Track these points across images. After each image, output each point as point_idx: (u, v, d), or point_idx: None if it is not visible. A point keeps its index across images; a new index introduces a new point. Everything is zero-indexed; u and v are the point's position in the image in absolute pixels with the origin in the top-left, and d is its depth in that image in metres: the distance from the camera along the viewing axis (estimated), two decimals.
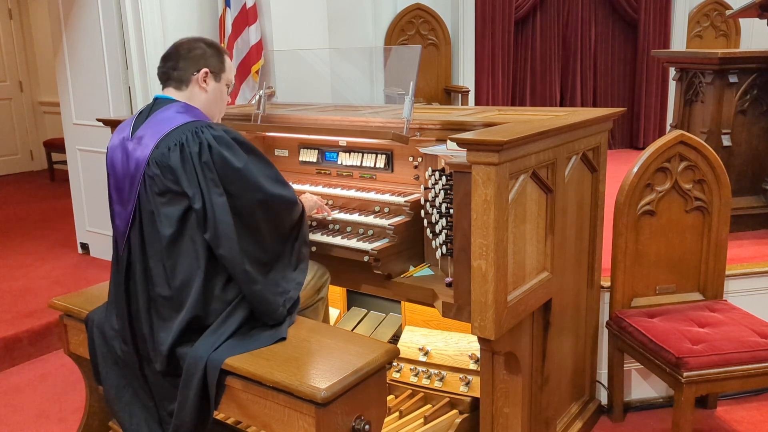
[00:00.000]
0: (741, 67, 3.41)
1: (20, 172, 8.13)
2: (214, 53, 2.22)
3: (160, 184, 2.01)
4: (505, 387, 2.24)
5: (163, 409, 2.11)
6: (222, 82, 2.25)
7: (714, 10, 6.55)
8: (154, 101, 2.19)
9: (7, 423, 3.00)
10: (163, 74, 2.21)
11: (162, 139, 2.03)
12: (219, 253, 2.00)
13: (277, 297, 2.09)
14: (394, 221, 2.44)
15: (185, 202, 2.00)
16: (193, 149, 1.99)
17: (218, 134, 2.03)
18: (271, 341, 2.04)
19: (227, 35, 4.36)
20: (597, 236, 2.67)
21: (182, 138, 2.01)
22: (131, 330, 2.11)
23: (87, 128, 4.56)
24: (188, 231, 2.01)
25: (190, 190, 1.99)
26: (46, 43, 7.61)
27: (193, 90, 2.19)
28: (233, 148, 2.03)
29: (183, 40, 2.24)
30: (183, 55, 2.18)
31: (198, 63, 2.18)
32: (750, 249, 3.30)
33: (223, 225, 1.99)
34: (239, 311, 2.06)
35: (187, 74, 2.17)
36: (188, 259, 2.01)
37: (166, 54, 2.23)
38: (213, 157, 2.00)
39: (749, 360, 2.40)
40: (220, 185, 2.00)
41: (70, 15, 4.54)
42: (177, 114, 2.09)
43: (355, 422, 1.87)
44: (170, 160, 2.00)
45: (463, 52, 6.17)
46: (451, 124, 2.51)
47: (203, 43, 2.22)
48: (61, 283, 4.23)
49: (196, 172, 1.99)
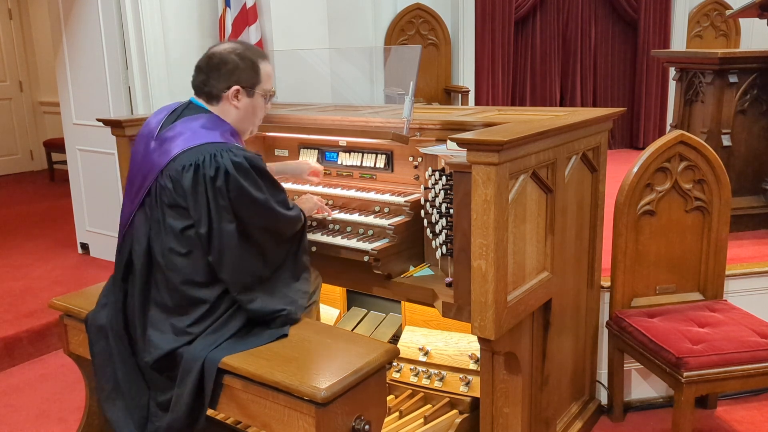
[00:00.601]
0: (741, 67, 3.41)
1: (20, 172, 8.13)
2: (248, 66, 2.13)
3: (170, 197, 2.00)
4: (505, 387, 2.24)
5: (154, 399, 2.10)
6: (256, 96, 2.18)
7: (714, 10, 6.55)
8: (188, 104, 2.16)
9: (7, 423, 3.00)
10: (195, 86, 2.16)
11: (180, 155, 2.00)
12: (222, 277, 2.00)
13: (285, 307, 2.09)
14: (394, 221, 2.44)
15: (190, 218, 1.99)
16: (209, 172, 1.95)
17: (238, 161, 1.98)
18: (272, 339, 2.04)
19: (227, 35, 4.36)
20: (597, 236, 2.67)
21: (199, 159, 1.97)
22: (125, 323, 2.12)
23: (87, 128, 4.57)
24: (194, 248, 2.01)
25: (196, 214, 1.97)
26: (46, 43, 7.61)
27: (224, 106, 2.14)
28: (252, 178, 1.99)
29: (217, 49, 2.14)
30: (214, 71, 2.11)
31: (229, 79, 2.11)
32: (750, 249, 3.30)
33: (229, 252, 1.98)
34: (240, 315, 2.06)
35: (217, 91, 2.12)
36: (193, 273, 2.00)
37: (198, 65, 2.15)
38: (228, 184, 1.96)
39: (749, 360, 2.40)
40: (231, 212, 1.97)
41: (70, 15, 4.54)
42: (201, 129, 2.05)
43: (355, 422, 1.88)
44: (183, 179, 1.97)
45: (463, 52, 6.17)
46: (451, 124, 2.51)
47: (236, 56, 2.12)
48: (61, 283, 4.23)
49: (207, 196, 1.96)
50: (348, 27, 5.40)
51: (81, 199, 4.82)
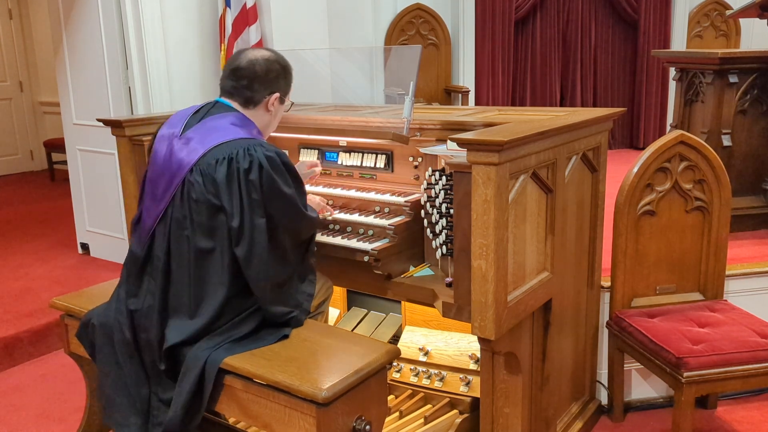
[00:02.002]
0: (741, 67, 3.41)
1: (20, 172, 8.13)
2: (286, 77, 2.21)
3: (199, 191, 1.99)
4: (505, 387, 2.24)
5: (156, 395, 2.10)
6: (285, 104, 2.26)
7: (714, 10, 6.55)
8: (214, 104, 2.17)
9: (7, 423, 3.01)
10: (232, 88, 2.16)
11: (211, 150, 2.01)
12: (248, 273, 1.99)
13: (293, 310, 2.10)
14: (394, 221, 2.45)
15: (222, 216, 1.99)
16: (243, 165, 1.97)
17: (271, 155, 2.00)
18: (274, 340, 2.04)
19: (227, 35, 4.37)
20: (597, 236, 2.67)
21: (233, 153, 1.98)
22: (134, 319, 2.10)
23: (87, 128, 4.57)
24: (219, 245, 2.00)
25: (230, 206, 1.97)
26: (46, 43, 7.62)
27: (259, 111, 2.18)
28: (283, 174, 2.02)
29: (258, 57, 2.16)
30: (259, 76, 2.14)
31: (272, 86, 2.16)
32: (750, 249, 3.30)
33: (259, 247, 1.98)
34: (252, 320, 2.06)
35: (260, 96, 2.15)
36: (215, 272, 2.00)
37: (237, 67, 2.15)
38: (262, 178, 1.98)
39: (749, 360, 2.40)
40: (262, 206, 1.98)
41: (70, 15, 4.54)
42: (231, 125, 2.06)
43: (355, 422, 1.88)
44: (216, 172, 1.98)
45: (463, 52, 6.17)
46: (451, 124, 2.51)
47: (279, 65, 2.18)
48: (62, 283, 4.23)
49: (240, 189, 1.97)
50: (348, 27, 5.40)
51: (81, 199, 4.82)
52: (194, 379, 1.95)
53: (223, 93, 2.20)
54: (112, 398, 2.15)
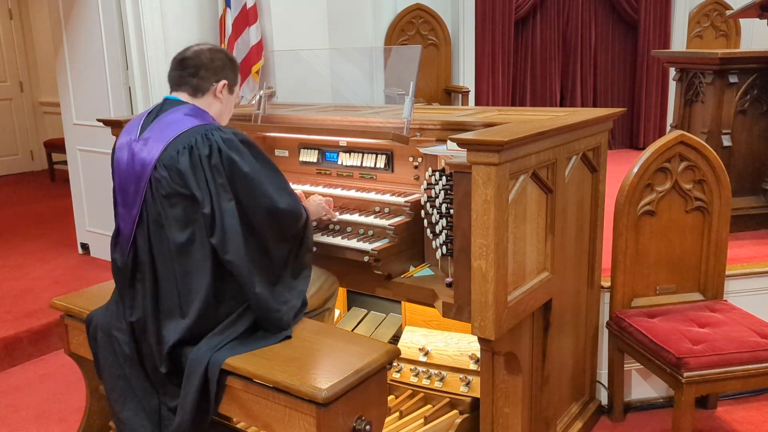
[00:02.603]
0: (741, 68, 3.41)
1: (20, 173, 8.13)
2: (232, 67, 2.25)
3: (167, 186, 2.00)
4: (506, 387, 2.24)
5: (165, 404, 2.11)
6: (234, 95, 2.29)
7: (714, 10, 6.55)
8: (164, 102, 2.18)
9: (7, 423, 3.01)
10: (179, 77, 2.19)
11: (171, 142, 2.02)
12: (226, 259, 1.99)
13: (281, 306, 2.08)
14: (394, 221, 2.45)
15: (194, 206, 1.99)
16: (203, 152, 1.98)
17: (228, 137, 2.02)
18: (276, 340, 2.03)
19: (227, 35, 4.37)
20: (597, 236, 2.67)
21: (192, 141, 2.00)
22: (135, 330, 2.11)
23: (87, 128, 4.57)
24: (197, 235, 2.00)
25: (200, 193, 1.97)
26: (46, 43, 7.62)
27: (208, 99, 2.19)
28: (242, 153, 2.02)
29: (203, 47, 2.22)
30: (205, 64, 2.17)
31: (218, 74, 2.19)
32: (750, 249, 3.30)
33: (231, 230, 1.98)
34: (247, 317, 2.06)
35: (207, 84, 2.18)
36: (198, 263, 2.00)
37: (183, 58, 2.19)
38: (222, 161, 1.99)
39: (749, 360, 2.40)
40: (230, 190, 1.99)
41: (71, 15, 4.54)
42: (186, 117, 2.08)
43: (355, 422, 1.88)
44: (179, 163, 1.99)
45: (463, 52, 6.17)
46: (451, 125, 2.51)
47: (224, 55, 2.24)
48: (62, 283, 4.23)
49: (205, 176, 1.98)
50: (348, 27, 5.40)
51: (81, 200, 4.82)
52: (198, 383, 1.95)
53: (172, 86, 2.22)
54: (121, 410, 2.15)
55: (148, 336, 2.07)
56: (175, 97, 2.19)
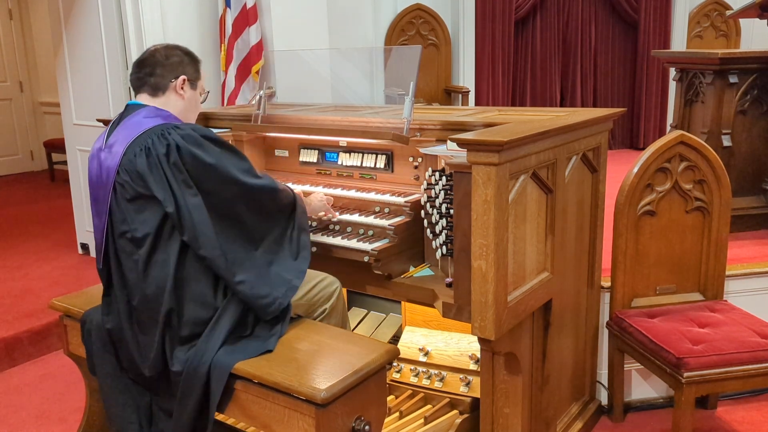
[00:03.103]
0: (741, 68, 3.41)
1: (20, 173, 8.14)
2: (191, 61, 2.23)
3: (130, 190, 1.99)
4: (506, 387, 2.24)
5: (157, 404, 2.11)
6: (197, 90, 2.26)
7: (714, 11, 6.55)
8: (126, 108, 2.18)
9: (7, 423, 3.01)
10: (137, 80, 2.18)
11: (129, 145, 2.01)
12: (200, 254, 1.97)
13: (271, 292, 2.05)
14: (394, 221, 2.44)
15: (157, 206, 1.97)
16: (160, 151, 1.96)
17: (186, 133, 2.00)
18: (257, 353, 1.98)
19: (227, 35, 4.37)
20: (597, 236, 2.67)
21: (148, 142, 1.99)
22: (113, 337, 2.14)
23: (87, 128, 4.56)
24: (163, 236, 1.99)
25: (161, 193, 1.96)
26: (46, 43, 7.62)
27: (169, 97, 2.18)
28: (203, 145, 2.00)
29: (158, 46, 2.21)
30: (160, 62, 2.16)
31: (176, 70, 2.18)
32: (750, 249, 3.30)
33: (201, 225, 1.96)
34: (226, 316, 2.02)
35: (165, 81, 2.16)
36: (162, 263, 1.99)
37: (140, 60, 2.18)
38: (183, 158, 1.97)
39: (749, 360, 2.40)
40: (193, 185, 1.97)
41: (70, 15, 4.54)
42: (144, 119, 2.07)
43: (355, 423, 1.87)
44: (137, 165, 1.98)
45: (463, 52, 6.17)
46: (451, 125, 2.51)
47: (180, 51, 2.22)
48: (61, 284, 4.23)
49: (165, 174, 1.96)
50: (348, 27, 5.40)
51: (81, 200, 4.82)
52: (199, 387, 1.94)
53: (133, 89, 2.21)
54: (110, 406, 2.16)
55: (127, 343, 2.08)
56: (136, 101, 2.18)
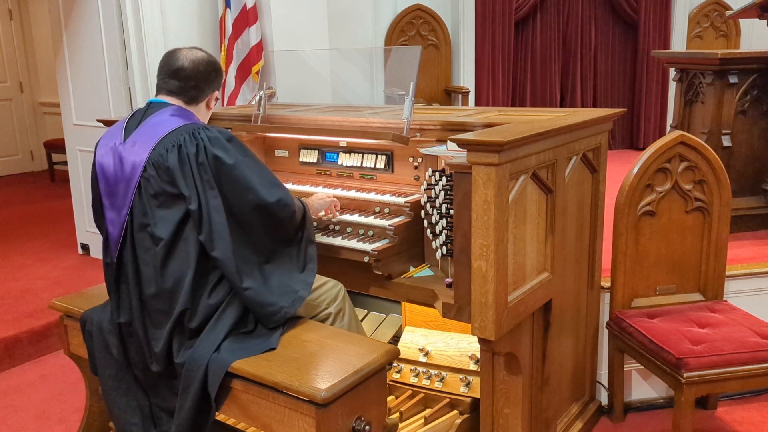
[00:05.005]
0: (741, 68, 3.41)
1: (20, 173, 8.14)
2: (220, 77, 2.30)
3: (155, 185, 2.02)
4: (506, 387, 2.24)
5: (156, 406, 2.11)
6: (217, 102, 2.35)
7: (714, 11, 6.55)
8: (149, 105, 2.19)
9: (7, 423, 3.01)
10: (179, 89, 2.18)
11: (160, 141, 2.04)
12: (213, 255, 2.00)
13: (277, 301, 2.07)
14: (394, 222, 2.44)
15: (181, 203, 2.01)
16: (191, 150, 2.01)
17: (213, 135, 2.05)
18: (260, 351, 2.00)
19: (227, 36, 4.37)
20: (597, 237, 2.67)
21: (180, 139, 2.03)
22: (123, 331, 2.13)
23: (87, 129, 4.56)
24: (183, 233, 2.02)
25: (187, 191, 2.00)
26: (46, 43, 7.62)
27: (200, 108, 2.25)
28: (227, 149, 2.04)
29: (198, 56, 2.21)
30: (203, 77, 2.21)
31: (213, 85, 2.26)
32: (750, 249, 3.30)
33: (218, 226, 2.00)
34: (230, 311, 2.04)
35: (203, 95, 2.24)
36: (180, 259, 2.01)
37: (181, 68, 2.18)
38: (208, 159, 2.02)
39: (749, 360, 2.40)
40: (215, 187, 2.01)
41: (70, 15, 4.54)
42: (172, 117, 2.10)
43: (355, 423, 1.88)
44: (168, 161, 2.01)
45: (463, 52, 6.17)
46: (451, 125, 2.51)
47: (216, 65, 2.28)
48: (62, 284, 4.23)
49: (192, 173, 2.00)
50: (348, 27, 5.40)
51: (81, 200, 4.82)
52: (198, 385, 1.95)
53: (163, 92, 2.21)
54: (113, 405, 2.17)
55: (137, 337, 2.09)
56: (161, 99, 2.20)
